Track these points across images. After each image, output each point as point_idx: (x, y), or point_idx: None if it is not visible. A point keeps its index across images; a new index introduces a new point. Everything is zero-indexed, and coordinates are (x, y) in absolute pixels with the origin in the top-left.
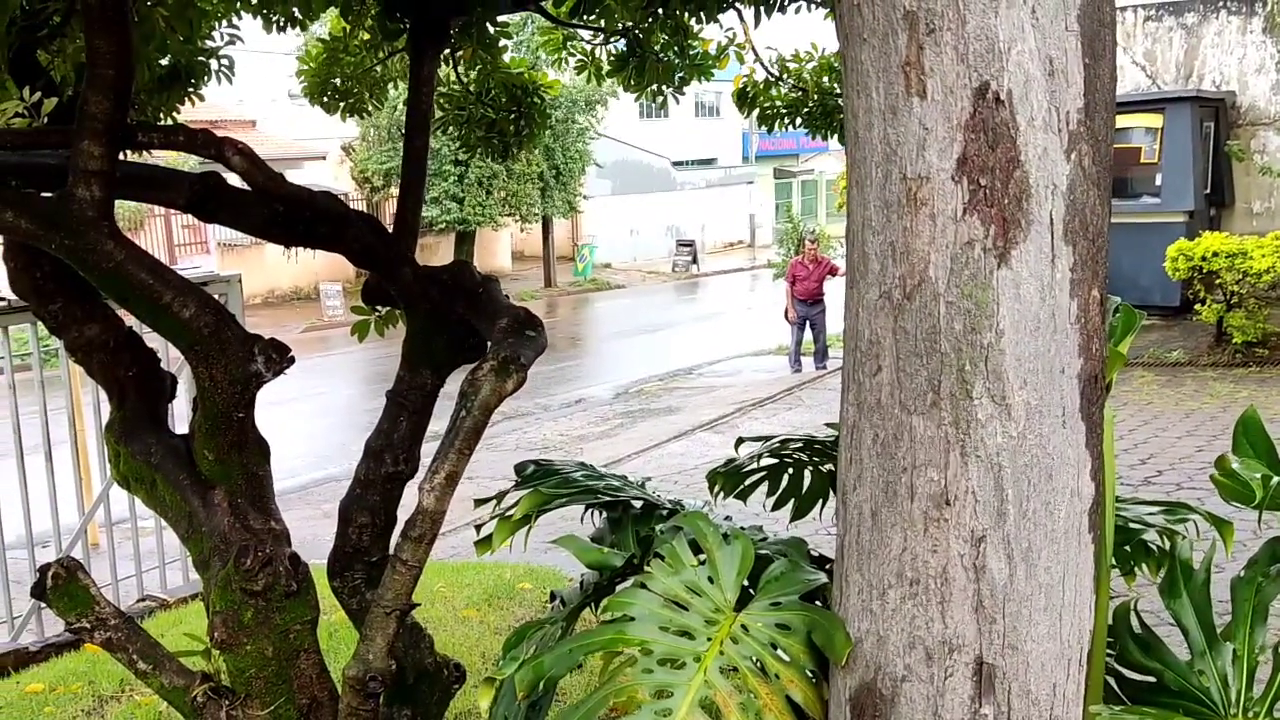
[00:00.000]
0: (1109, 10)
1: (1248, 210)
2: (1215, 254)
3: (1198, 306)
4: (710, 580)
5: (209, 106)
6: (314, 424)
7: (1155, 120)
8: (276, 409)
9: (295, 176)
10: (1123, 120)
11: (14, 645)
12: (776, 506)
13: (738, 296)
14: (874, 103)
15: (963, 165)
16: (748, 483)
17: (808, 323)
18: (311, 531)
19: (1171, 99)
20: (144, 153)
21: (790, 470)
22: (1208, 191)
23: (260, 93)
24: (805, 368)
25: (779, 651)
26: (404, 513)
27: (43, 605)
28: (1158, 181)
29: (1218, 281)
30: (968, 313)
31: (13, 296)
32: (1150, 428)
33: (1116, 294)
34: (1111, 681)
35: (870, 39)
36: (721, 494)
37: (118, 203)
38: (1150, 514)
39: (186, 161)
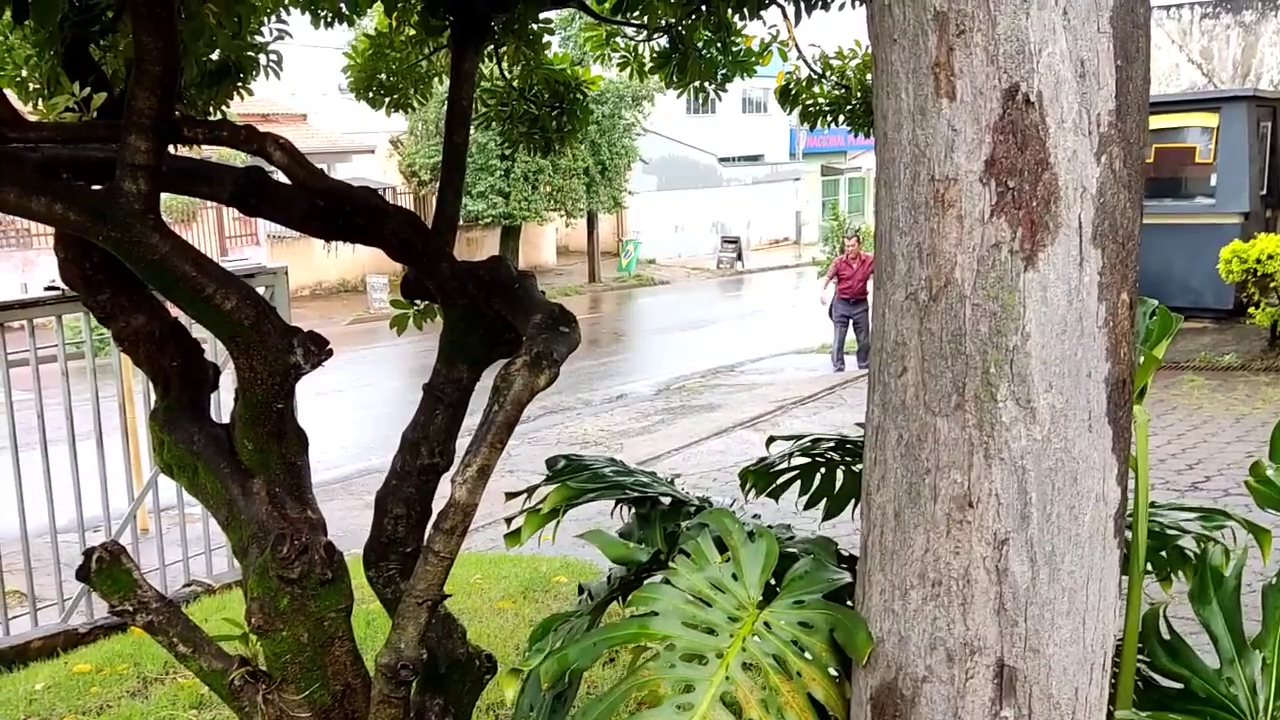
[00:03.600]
0: (1143, 12)
1: None
2: (1270, 256)
3: (1251, 310)
4: (734, 577)
5: (261, 100)
6: (359, 415)
7: (1211, 119)
8: (322, 400)
9: (344, 169)
10: (1177, 119)
11: (64, 627)
12: (808, 506)
13: (782, 294)
14: (903, 104)
15: (991, 167)
16: (780, 482)
17: (851, 321)
18: (355, 522)
19: (1228, 98)
20: (195, 147)
21: (823, 470)
22: (1264, 193)
23: (311, 86)
24: (848, 366)
25: (801, 649)
26: (440, 504)
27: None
28: (1212, 182)
29: (1272, 284)
30: (993, 315)
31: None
32: (1200, 432)
33: (1168, 296)
34: (1141, 686)
35: (900, 40)
36: (754, 492)
37: (171, 195)
38: (1187, 520)
39: (237, 156)
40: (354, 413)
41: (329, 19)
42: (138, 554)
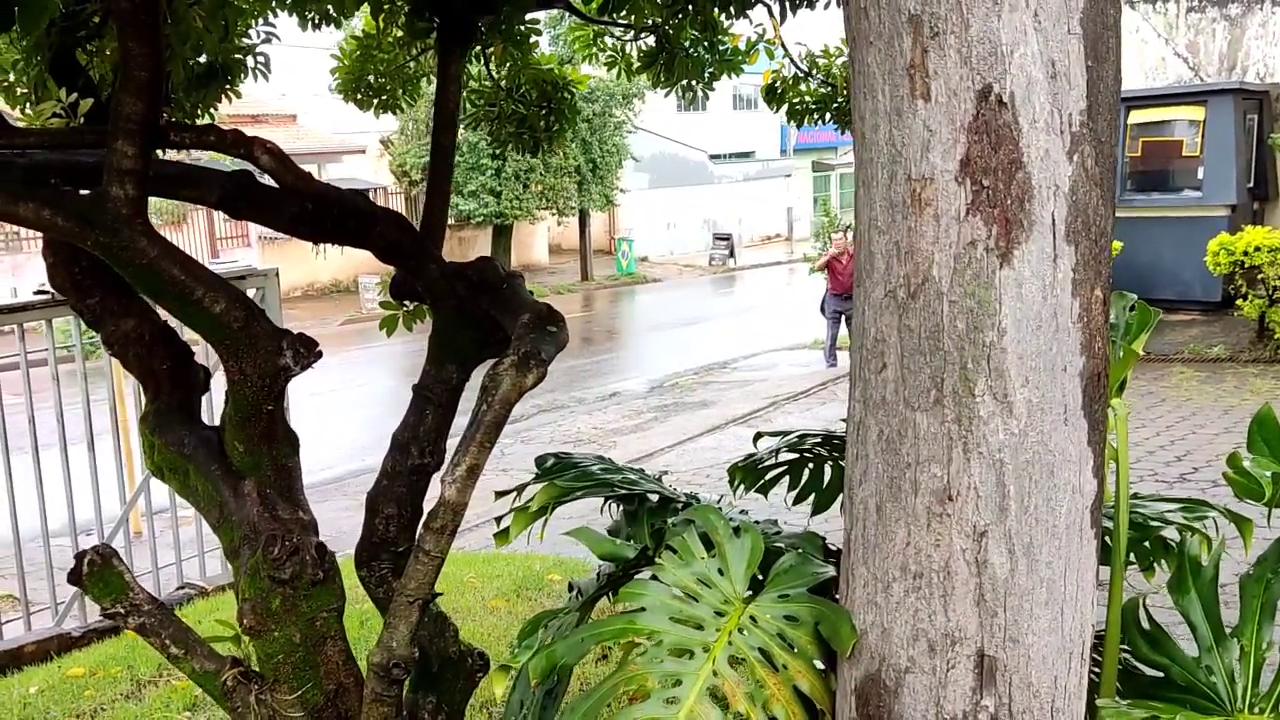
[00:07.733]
0: (1113, 13)
1: None
2: (1258, 248)
3: (1239, 302)
4: (720, 572)
5: (252, 101)
6: (353, 415)
7: (1197, 113)
8: (316, 400)
9: (335, 169)
10: (1164, 113)
11: (57, 630)
12: (797, 501)
13: (774, 290)
14: (880, 105)
15: (966, 166)
16: (768, 478)
17: (843, 317)
18: (350, 523)
19: (1214, 91)
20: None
21: (810, 465)
22: (1250, 185)
23: (302, 87)
24: (840, 362)
25: (787, 642)
26: (430, 504)
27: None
28: (1199, 175)
29: (1260, 276)
30: (970, 311)
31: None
32: (1188, 424)
33: (1156, 288)
34: (1123, 675)
35: (876, 42)
36: (742, 488)
37: (161, 198)
38: (1169, 511)
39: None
40: (348, 413)
41: (316, 21)
42: (131, 557)
